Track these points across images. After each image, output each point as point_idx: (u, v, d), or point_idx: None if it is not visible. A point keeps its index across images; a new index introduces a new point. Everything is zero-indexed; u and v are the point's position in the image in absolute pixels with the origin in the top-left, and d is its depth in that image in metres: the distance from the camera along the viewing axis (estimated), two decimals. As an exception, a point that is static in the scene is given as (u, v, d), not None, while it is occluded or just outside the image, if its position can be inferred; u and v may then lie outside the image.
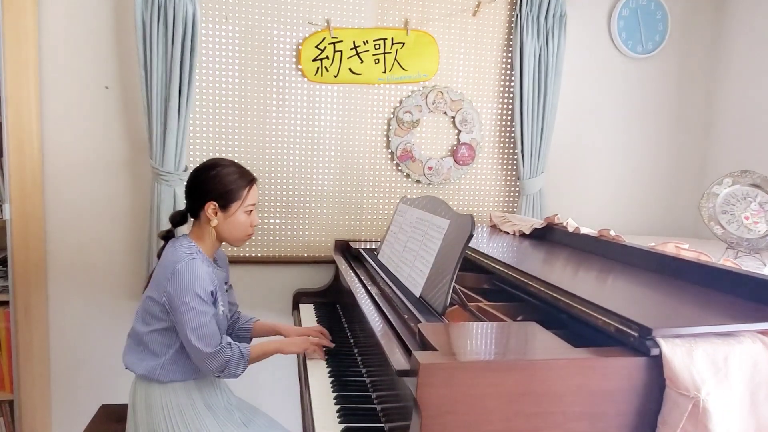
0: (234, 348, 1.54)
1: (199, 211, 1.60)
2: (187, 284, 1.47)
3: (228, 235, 1.62)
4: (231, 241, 1.65)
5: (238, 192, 1.59)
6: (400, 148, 2.56)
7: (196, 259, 1.51)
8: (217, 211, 1.57)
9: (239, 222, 1.61)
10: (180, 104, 2.23)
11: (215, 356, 1.49)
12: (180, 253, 1.52)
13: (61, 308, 2.37)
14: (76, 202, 2.33)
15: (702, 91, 2.85)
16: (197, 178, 1.60)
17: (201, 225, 1.62)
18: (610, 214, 2.84)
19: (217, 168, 1.59)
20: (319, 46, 2.42)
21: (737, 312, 1.14)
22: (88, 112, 2.29)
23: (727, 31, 2.77)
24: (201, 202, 1.58)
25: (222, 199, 1.57)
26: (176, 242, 1.60)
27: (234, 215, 1.59)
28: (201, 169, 1.61)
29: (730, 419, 1.00)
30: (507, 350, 1.05)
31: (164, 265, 1.54)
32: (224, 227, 1.60)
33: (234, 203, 1.59)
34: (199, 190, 1.59)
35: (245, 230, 1.64)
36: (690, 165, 2.90)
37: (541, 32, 2.52)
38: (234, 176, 1.59)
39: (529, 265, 1.61)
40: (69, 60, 2.25)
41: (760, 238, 1.86)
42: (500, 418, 0.98)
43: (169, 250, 1.58)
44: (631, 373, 1.01)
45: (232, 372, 1.53)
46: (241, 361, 1.54)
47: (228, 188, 1.57)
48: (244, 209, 1.60)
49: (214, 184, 1.57)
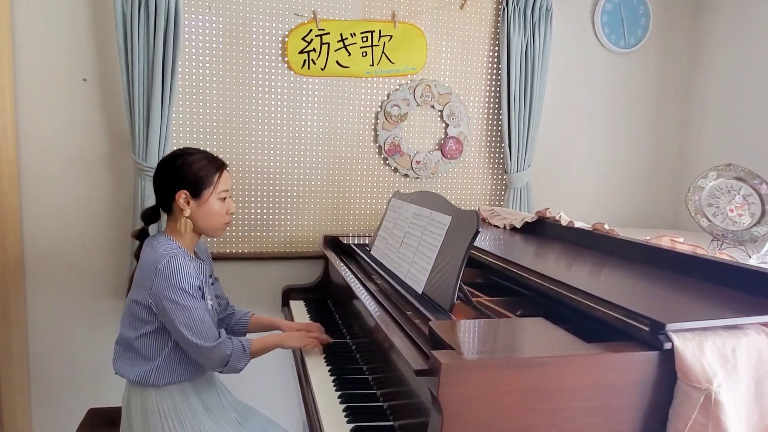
0: (235, 341, 1.51)
1: (171, 203, 1.53)
2: (173, 282, 1.42)
3: (205, 224, 1.56)
4: (208, 231, 1.59)
5: (208, 178, 1.53)
6: (388, 141, 2.54)
7: (178, 255, 1.46)
8: (189, 199, 1.52)
9: (214, 210, 1.55)
10: (163, 97, 2.16)
11: (216, 350, 1.46)
12: (159, 252, 1.47)
13: (40, 309, 2.28)
14: (55, 199, 2.24)
15: (683, 86, 2.91)
16: (164, 169, 1.54)
17: (175, 218, 1.55)
18: (593, 207, 2.89)
19: (183, 156, 1.54)
20: (305, 38, 2.38)
21: (740, 305, 1.17)
22: (66, 105, 2.20)
23: (707, 26, 2.83)
24: (171, 192, 1.52)
25: (192, 187, 1.51)
26: (153, 241, 1.54)
27: (207, 202, 1.54)
28: (167, 160, 1.56)
29: (738, 409, 1.03)
30: (523, 347, 1.06)
31: (145, 266, 1.48)
32: (199, 216, 1.54)
33: (205, 190, 1.53)
34: (168, 181, 1.53)
35: (221, 218, 1.58)
36: (671, 158, 2.97)
37: (528, 26, 2.53)
38: (202, 162, 1.53)
39: (527, 259, 1.62)
40: (44, 50, 2.15)
41: (744, 230, 1.92)
42: (518, 414, 0.98)
43: (147, 250, 1.52)
44: (644, 367, 1.03)
45: (234, 366, 1.49)
46: (243, 354, 1.51)
47: (197, 175, 1.52)
48: (217, 195, 1.55)
49: (182, 173, 1.51)
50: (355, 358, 1.69)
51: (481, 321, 1.20)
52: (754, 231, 1.91)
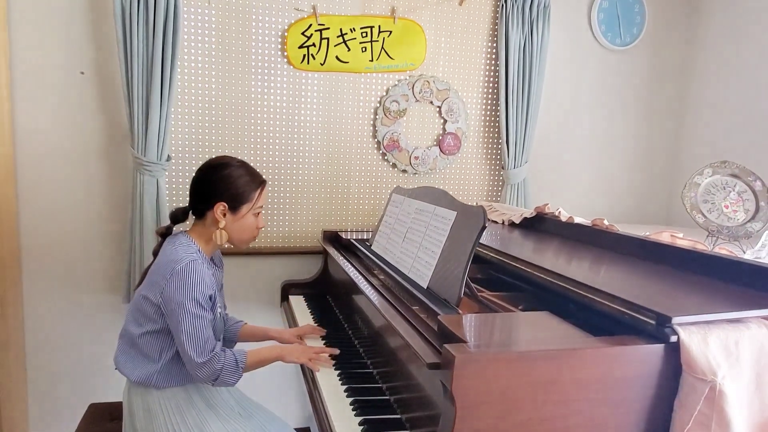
0: (228, 356, 1.48)
1: (206, 211, 1.54)
2: (187, 288, 1.40)
3: (236, 237, 1.58)
4: (236, 242, 1.60)
5: (249, 194, 1.54)
6: (387, 137, 2.55)
7: (197, 260, 1.45)
8: (227, 212, 1.52)
9: (247, 224, 1.57)
10: (162, 91, 2.15)
11: (206, 365, 1.43)
12: (180, 253, 1.45)
13: (37, 304, 2.27)
14: (52, 193, 2.22)
15: (677, 83, 2.95)
16: (206, 177, 1.54)
17: (205, 225, 1.55)
18: (587, 202, 2.93)
19: (228, 168, 1.54)
20: (305, 33, 2.37)
21: (741, 299, 1.20)
22: (63, 99, 2.18)
23: (701, 25, 2.87)
24: (210, 202, 1.52)
25: (233, 201, 1.52)
26: (175, 240, 1.53)
27: (243, 218, 1.55)
28: (210, 168, 1.55)
29: (741, 400, 1.06)
30: (532, 340, 1.07)
31: (162, 264, 1.47)
32: (233, 229, 1.55)
33: (245, 205, 1.54)
34: (209, 190, 1.53)
35: (252, 233, 1.60)
36: (664, 155, 3.01)
37: (526, 23, 2.54)
38: (246, 178, 1.54)
39: (528, 255, 1.64)
40: (41, 43, 2.13)
41: (739, 226, 1.95)
42: (529, 406, 1.00)
43: (167, 248, 1.51)
44: (650, 360, 1.05)
45: (225, 381, 1.47)
46: (234, 369, 1.48)
47: (240, 190, 1.53)
48: (253, 211, 1.57)
49: (225, 186, 1.52)
50: (359, 352, 1.70)
51: (489, 315, 1.22)
52: (749, 227, 1.95)
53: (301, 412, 2.67)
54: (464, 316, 1.20)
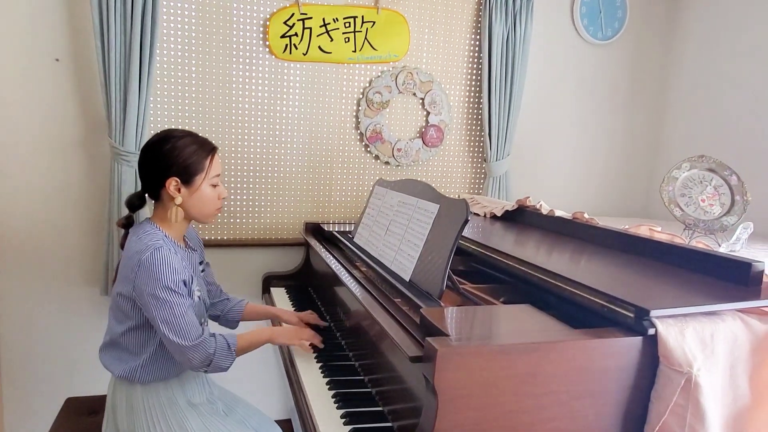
0: (219, 339, 1.44)
1: (160, 191, 1.46)
2: (155, 276, 1.35)
3: (197, 212, 1.50)
4: (200, 218, 1.53)
5: (200, 163, 1.46)
6: (370, 129, 2.54)
7: (162, 247, 1.38)
8: (180, 187, 1.44)
9: (206, 196, 1.49)
10: (141, 79, 2.11)
11: (197, 349, 1.38)
12: (144, 242, 1.39)
13: (11, 296, 2.22)
14: (26, 183, 2.17)
15: (656, 78, 2.99)
16: (151, 154, 1.45)
17: (164, 205, 1.48)
18: (568, 195, 2.95)
19: (171, 140, 1.44)
20: (287, 22, 2.34)
21: (716, 291, 1.22)
22: (37, 87, 2.12)
23: (681, 20, 2.90)
24: (160, 180, 1.44)
25: (184, 174, 1.44)
26: (139, 229, 1.47)
27: (199, 189, 1.47)
28: (154, 144, 1.45)
29: (715, 391, 1.08)
30: (514, 333, 1.08)
31: (128, 257, 1.41)
32: (191, 203, 1.47)
33: (197, 176, 1.46)
34: (156, 167, 1.44)
35: (213, 204, 1.52)
36: (643, 149, 3.05)
37: (509, 15, 2.55)
38: (193, 147, 1.46)
39: (509, 247, 1.65)
40: (13, 28, 2.07)
41: (714, 220, 1.99)
42: (510, 398, 1.01)
43: (132, 240, 1.45)
44: (628, 352, 1.07)
45: (218, 365, 1.42)
46: (227, 352, 1.44)
47: (189, 161, 1.44)
48: (209, 181, 1.48)
49: (172, 158, 1.42)
50: (341, 344, 1.70)
51: (471, 308, 1.22)
52: (724, 220, 1.99)
53: (284, 405, 2.66)
54: (446, 309, 1.20)
